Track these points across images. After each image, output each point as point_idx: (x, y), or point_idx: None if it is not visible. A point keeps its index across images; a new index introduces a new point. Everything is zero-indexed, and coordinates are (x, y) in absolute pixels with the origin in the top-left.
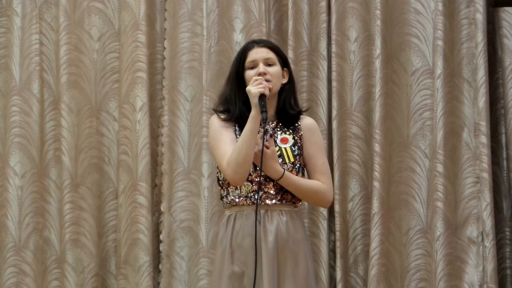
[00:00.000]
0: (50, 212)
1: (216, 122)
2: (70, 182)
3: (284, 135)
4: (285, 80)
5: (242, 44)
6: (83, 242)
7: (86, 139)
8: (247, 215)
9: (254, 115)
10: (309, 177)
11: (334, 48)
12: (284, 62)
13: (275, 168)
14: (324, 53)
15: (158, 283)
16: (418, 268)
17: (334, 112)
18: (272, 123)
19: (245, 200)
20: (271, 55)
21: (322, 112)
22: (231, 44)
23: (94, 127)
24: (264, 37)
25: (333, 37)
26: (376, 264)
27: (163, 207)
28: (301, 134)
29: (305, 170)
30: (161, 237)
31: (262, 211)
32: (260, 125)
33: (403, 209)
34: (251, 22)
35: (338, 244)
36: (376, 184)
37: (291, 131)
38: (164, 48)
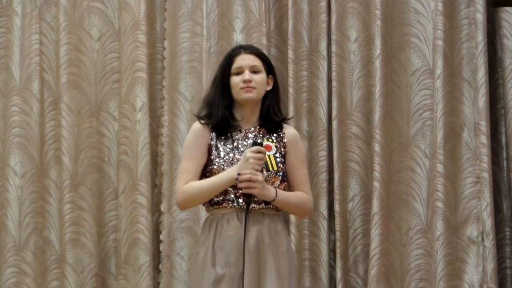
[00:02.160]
0: (50, 212)
1: (193, 132)
2: (70, 182)
3: (267, 142)
4: (269, 87)
5: (242, 44)
6: (83, 242)
7: (86, 139)
8: (228, 219)
9: (231, 178)
10: (292, 188)
11: (334, 48)
12: (269, 69)
13: (268, 194)
14: (324, 53)
15: (158, 283)
16: (418, 268)
17: (334, 112)
18: (254, 129)
19: (228, 203)
20: (257, 62)
21: (322, 112)
22: (231, 44)
23: (94, 127)
24: (264, 37)
25: (333, 37)
26: (376, 264)
27: (163, 207)
28: (285, 144)
29: (287, 179)
30: (161, 237)
31: (244, 213)
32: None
33: (403, 209)
34: (251, 22)
35: (338, 244)
36: (376, 184)
37: (274, 138)
38: (164, 48)
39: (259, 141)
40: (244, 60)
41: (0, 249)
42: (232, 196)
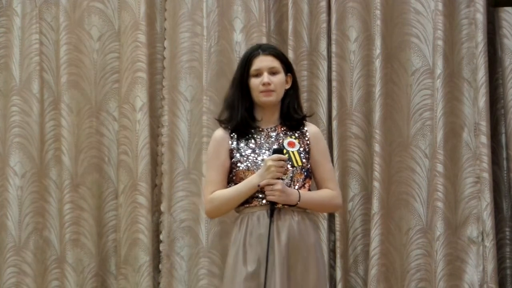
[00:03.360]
0: (50, 212)
1: (213, 141)
2: (70, 182)
3: (290, 139)
4: (288, 86)
5: (242, 44)
6: (83, 242)
7: (86, 139)
8: (258, 217)
9: (254, 184)
10: (318, 184)
11: (334, 48)
12: (287, 68)
13: (289, 199)
14: (324, 53)
15: (158, 283)
16: (418, 268)
17: (334, 112)
18: (276, 127)
19: (258, 201)
20: (275, 63)
21: (322, 112)
22: (231, 44)
23: (94, 127)
24: (264, 37)
25: (333, 37)
26: (376, 264)
27: (163, 207)
28: (308, 141)
29: (313, 176)
30: (161, 237)
31: (269, 218)
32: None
33: (403, 209)
34: (251, 22)
35: (338, 244)
36: (376, 184)
37: (296, 135)
38: (164, 48)
39: (279, 147)
40: (263, 62)
41: (0, 249)
42: (261, 194)
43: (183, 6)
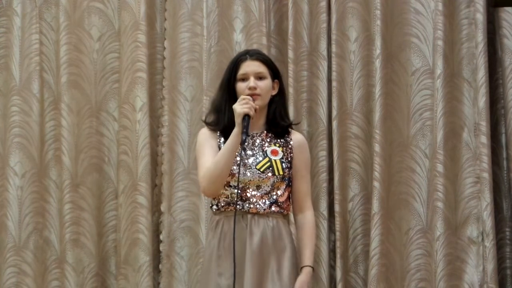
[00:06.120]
0: (50, 212)
1: (202, 134)
2: (70, 182)
3: (274, 147)
4: (274, 92)
5: (242, 44)
6: (83, 242)
7: (86, 139)
8: (232, 221)
9: (236, 133)
10: (294, 194)
11: (334, 48)
12: (275, 74)
13: (309, 277)
14: (324, 53)
15: (158, 283)
16: (418, 268)
17: (334, 112)
18: (261, 133)
19: (230, 206)
20: (262, 69)
21: (322, 112)
22: (231, 44)
23: (94, 127)
24: (264, 37)
25: (333, 37)
26: (376, 264)
27: (163, 207)
28: (291, 149)
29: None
30: (161, 237)
31: (249, 216)
32: (240, 144)
33: (403, 209)
34: (251, 22)
35: (338, 244)
36: (376, 184)
37: (280, 143)
38: (164, 48)
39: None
40: (249, 66)
41: (0, 249)
42: (239, 200)
43: (183, 6)
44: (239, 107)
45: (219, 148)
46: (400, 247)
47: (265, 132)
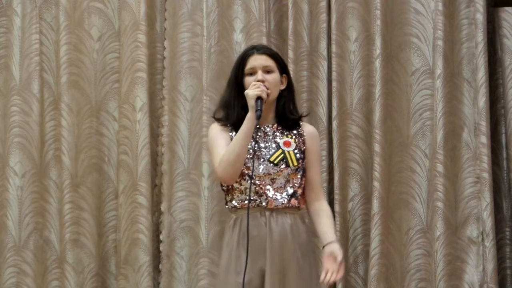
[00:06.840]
0: (50, 212)
1: (214, 128)
2: (70, 182)
3: (286, 139)
4: (283, 86)
5: (242, 44)
6: (83, 242)
7: (86, 139)
8: (251, 218)
9: (250, 117)
10: (308, 184)
11: (334, 48)
12: (282, 69)
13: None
14: (324, 53)
15: (158, 283)
16: (418, 268)
17: (334, 112)
18: (272, 126)
19: (247, 201)
20: (269, 62)
21: (322, 112)
22: (231, 44)
23: (94, 127)
24: (264, 37)
25: (333, 37)
26: (376, 264)
27: (163, 207)
28: (304, 140)
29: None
30: (161, 237)
31: (267, 213)
32: (256, 119)
33: (403, 209)
34: (251, 22)
35: None
36: (376, 184)
37: (292, 135)
38: (164, 48)
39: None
40: (257, 60)
41: (0, 249)
42: (256, 197)
43: (183, 6)
44: (251, 91)
45: (231, 140)
46: (400, 247)
47: (275, 124)
